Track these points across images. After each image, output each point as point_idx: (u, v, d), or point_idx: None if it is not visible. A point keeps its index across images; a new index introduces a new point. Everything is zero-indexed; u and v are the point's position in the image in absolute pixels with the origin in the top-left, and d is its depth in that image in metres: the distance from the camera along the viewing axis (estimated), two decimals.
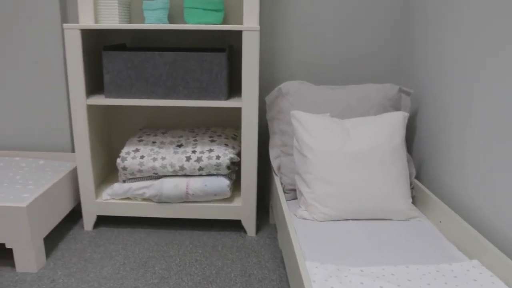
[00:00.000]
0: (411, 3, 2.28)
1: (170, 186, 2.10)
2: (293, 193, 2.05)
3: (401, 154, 1.85)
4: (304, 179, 1.84)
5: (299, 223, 1.77)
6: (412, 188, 2.00)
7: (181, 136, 2.27)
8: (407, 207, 1.79)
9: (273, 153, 2.14)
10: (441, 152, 1.92)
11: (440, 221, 1.76)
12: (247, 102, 2.02)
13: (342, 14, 2.34)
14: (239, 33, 2.36)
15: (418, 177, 2.16)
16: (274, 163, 2.12)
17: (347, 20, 2.35)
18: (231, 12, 2.32)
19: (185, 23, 2.31)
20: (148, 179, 2.15)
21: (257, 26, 1.94)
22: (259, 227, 2.30)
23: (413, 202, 2.00)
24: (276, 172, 2.11)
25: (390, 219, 1.80)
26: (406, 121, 1.95)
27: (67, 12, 2.40)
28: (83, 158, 2.15)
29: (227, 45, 2.14)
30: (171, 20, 2.34)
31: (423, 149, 2.11)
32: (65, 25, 2.00)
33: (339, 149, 1.81)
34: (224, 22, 2.33)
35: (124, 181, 2.17)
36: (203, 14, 2.07)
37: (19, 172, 2.33)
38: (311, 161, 1.82)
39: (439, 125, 1.95)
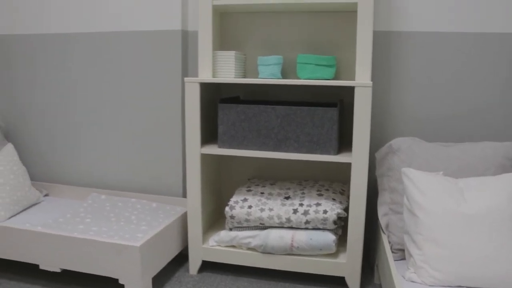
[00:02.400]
0: None
1: (276, 237, 2.11)
2: (401, 253, 1.97)
3: None
4: (414, 240, 1.77)
5: (407, 286, 1.68)
6: None
7: (289, 188, 2.29)
8: None
9: (381, 210, 2.08)
10: None
11: None
12: (357, 158, 2.00)
13: (456, 66, 2.28)
14: (350, 88, 2.38)
15: None
16: (382, 220, 2.06)
17: (462, 72, 2.28)
18: (343, 66, 2.35)
19: (298, 77, 2.38)
20: (254, 229, 2.18)
21: (370, 82, 1.95)
22: (363, 286, 2.22)
23: None
24: (384, 230, 2.05)
25: None
26: None
27: (188, 67, 2.59)
28: (194, 204, 2.25)
29: (338, 100, 2.16)
30: (284, 74, 2.42)
31: None
32: (186, 78, 2.15)
33: (452, 210, 1.72)
34: (336, 77, 2.36)
35: (230, 229, 2.22)
36: (315, 69, 2.12)
37: (134, 213, 2.48)
38: (422, 221, 1.75)
39: None
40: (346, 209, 2.31)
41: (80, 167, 2.85)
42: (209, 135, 2.39)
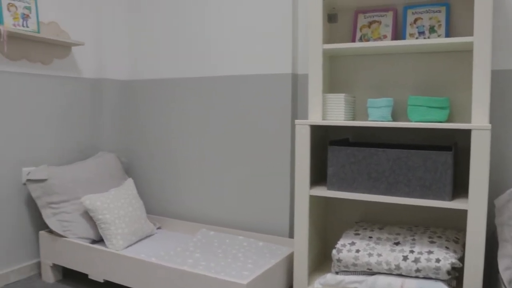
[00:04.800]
0: None
1: (384, 284, 2.03)
2: None
3: None
4: None
5: None
6: None
7: (399, 234, 2.21)
8: None
9: (503, 263, 1.93)
10: None
11: None
12: (474, 205, 1.89)
13: None
14: (465, 131, 2.27)
15: None
16: (504, 275, 1.90)
17: None
18: (457, 108, 2.26)
19: (408, 120, 2.33)
20: (361, 274, 2.12)
21: (488, 125, 1.85)
22: None
23: None
24: (507, 285, 1.89)
25: None
26: None
27: (297, 109, 2.64)
28: (301, 246, 2.24)
29: (452, 143, 2.07)
30: (394, 117, 2.37)
31: None
32: (296, 121, 2.20)
33: None
34: (449, 119, 2.27)
35: (337, 273, 2.18)
36: (427, 111, 2.06)
37: (241, 251, 2.53)
38: None
39: None
40: (461, 259, 2.17)
41: (191, 203, 2.99)
42: (317, 176, 2.40)
